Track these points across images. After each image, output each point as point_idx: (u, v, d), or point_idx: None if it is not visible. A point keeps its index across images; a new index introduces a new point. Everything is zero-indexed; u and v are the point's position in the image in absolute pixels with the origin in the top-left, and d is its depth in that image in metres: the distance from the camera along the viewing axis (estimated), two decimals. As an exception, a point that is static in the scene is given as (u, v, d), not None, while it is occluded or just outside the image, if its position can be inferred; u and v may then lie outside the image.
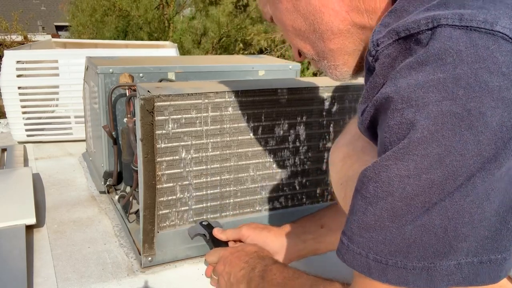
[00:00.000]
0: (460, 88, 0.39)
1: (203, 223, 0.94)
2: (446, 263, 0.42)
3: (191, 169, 0.92)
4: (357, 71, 0.61)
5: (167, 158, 0.89)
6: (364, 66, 0.50)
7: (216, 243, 0.91)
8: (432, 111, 0.40)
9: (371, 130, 0.49)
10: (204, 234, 0.93)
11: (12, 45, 9.34)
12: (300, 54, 0.65)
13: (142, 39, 6.91)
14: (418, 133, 0.40)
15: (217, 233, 0.91)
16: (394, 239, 0.43)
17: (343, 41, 0.57)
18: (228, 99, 0.92)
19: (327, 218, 0.87)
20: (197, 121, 0.90)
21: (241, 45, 7.41)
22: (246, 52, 7.28)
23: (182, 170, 0.92)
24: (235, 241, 0.91)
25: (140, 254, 0.95)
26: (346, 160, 0.63)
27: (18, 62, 1.68)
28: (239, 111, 0.94)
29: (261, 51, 6.88)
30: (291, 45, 0.65)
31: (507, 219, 0.42)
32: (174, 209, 0.93)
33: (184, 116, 0.88)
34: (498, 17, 0.39)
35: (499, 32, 0.38)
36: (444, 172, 0.40)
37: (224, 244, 0.91)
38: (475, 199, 0.40)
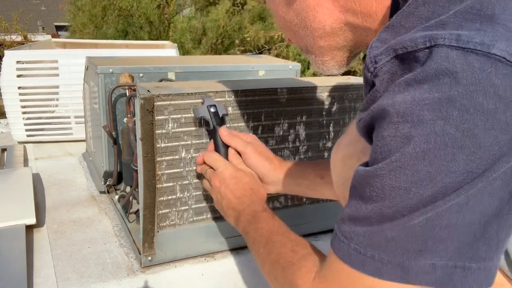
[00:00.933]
0: (455, 109, 0.40)
1: (211, 109, 0.88)
2: (421, 262, 0.44)
3: (191, 168, 0.92)
4: (343, 65, 0.62)
5: (167, 158, 0.89)
6: (363, 76, 0.51)
7: (217, 139, 0.87)
8: (425, 129, 0.41)
9: (368, 136, 0.50)
10: (208, 123, 0.88)
11: (12, 45, 9.34)
12: (290, 39, 0.67)
13: (142, 39, 6.91)
14: (411, 149, 0.42)
15: (224, 133, 0.87)
16: (375, 235, 0.46)
17: (334, 39, 0.59)
18: (228, 99, 0.92)
19: (329, 171, 0.85)
20: (197, 121, 0.90)
21: (237, 41, 7.40)
22: (243, 48, 7.28)
23: (182, 169, 0.92)
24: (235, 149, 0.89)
25: (140, 254, 0.95)
26: (346, 161, 0.64)
27: (18, 62, 1.68)
28: (239, 111, 0.94)
29: (258, 49, 6.88)
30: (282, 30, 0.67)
31: (487, 230, 0.43)
32: (174, 209, 0.93)
33: (184, 115, 0.88)
34: (495, 39, 0.39)
35: (495, 55, 0.39)
36: (433, 188, 0.42)
37: (225, 147, 0.87)
38: (455, 205, 0.42)
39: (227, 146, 0.88)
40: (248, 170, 0.86)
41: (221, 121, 0.89)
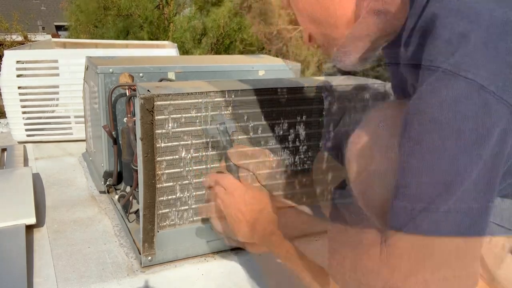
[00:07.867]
0: None
1: (220, 127, 0.90)
2: (484, 203, 0.47)
3: (191, 168, 0.92)
4: (363, 59, 0.63)
5: (167, 158, 0.89)
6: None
7: (228, 159, 0.90)
8: (484, 22, 0.45)
9: (412, 65, 0.52)
10: (218, 140, 0.91)
11: (12, 45, 9.34)
12: (310, 39, 0.66)
13: (142, 39, 6.90)
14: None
15: (233, 155, 0.89)
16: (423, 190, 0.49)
17: (357, 26, 0.59)
18: (227, 99, 0.92)
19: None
20: (197, 121, 0.90)
21: (237, 42, 7.40)
22: (243, 49, 7.29)
23: (182, 169, 0.92)
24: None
25: (140, 254, 0.95)
26: (365, 152, 0.62)
27: (18, 62, 1.68)
28: (239, 111, 0.94)
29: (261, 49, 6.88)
30: (303, 30, 0.67)
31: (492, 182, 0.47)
32: (174, 209, 0.93)
33: (184, 115, 0.88)
34: None
35: None
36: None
37: (236, 167, 0.89)
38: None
39: (238, 166, 0.90)
40: (261, 192, 0.85)
41: (232, 139, 0.91)
